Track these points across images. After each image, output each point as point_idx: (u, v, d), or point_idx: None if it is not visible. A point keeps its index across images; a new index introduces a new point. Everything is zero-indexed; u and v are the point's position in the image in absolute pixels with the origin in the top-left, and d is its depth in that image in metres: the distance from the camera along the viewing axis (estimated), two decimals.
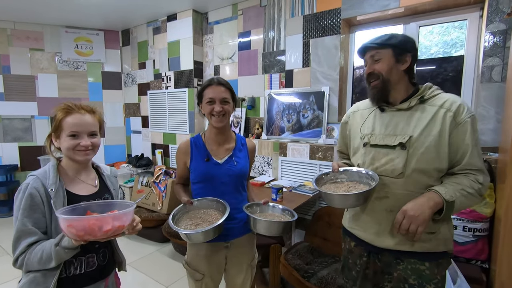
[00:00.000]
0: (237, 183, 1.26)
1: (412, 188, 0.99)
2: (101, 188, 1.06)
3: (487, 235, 1.69)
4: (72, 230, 0.76)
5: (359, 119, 1.17)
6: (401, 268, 1.03)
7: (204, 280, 1.24)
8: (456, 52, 2.34)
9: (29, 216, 0.88)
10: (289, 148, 2.60)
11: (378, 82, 1.04)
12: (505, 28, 1.76)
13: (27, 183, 0.90)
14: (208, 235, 1.05)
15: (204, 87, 1.22)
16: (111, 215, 0.80)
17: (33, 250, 0.87)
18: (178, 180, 1.35)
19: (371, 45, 1.05)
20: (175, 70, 3.45)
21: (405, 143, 0.99)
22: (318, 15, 2.47)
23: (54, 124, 0.95)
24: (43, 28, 3.84)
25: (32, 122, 3.91)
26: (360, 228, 1.12)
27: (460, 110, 0.97)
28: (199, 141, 1.27)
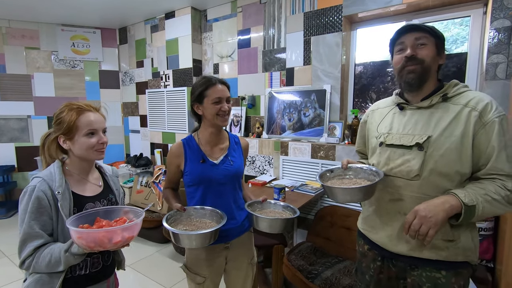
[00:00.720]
0: (234, 183, 1.24)
1: (429, 192, 0.93)
2: (105, 188, 1.05)
3: (492, 235, 1.68)
4: (82, 241, 0.76)
5: (377, 118, 1.12)
6: (415, 274, 0.98)
7: (205, 283, 1.22)
8: (456, 49, 2.32)
9: (36, 219, 0.86)
10: (290, 147, 2.57)
11: (418, 67, 0.95)
12: (510, 25, 1.73)
13: (34, 186, 0.88)
14: (200, 240, 1.01)
15: (206, 87, 1.17)
16: (120, 227, 0.79)
17: (41, 254, 0.86)
18: (167, 185, 1.30)
19: (421, 26, 0.95)
20: (174, 69, 3.41)
21: (422, 144, 0.93)
22: (319, 12, 2.44)
23: (67, 125, 0.92)
24: (38, 26, 3.77)
25: (29, 122, 3.85)
26: (373, 230, 1.08)
27: (487, 109, 0.89)
28: (192, 142, 1.23)
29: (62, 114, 0.94)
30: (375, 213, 1.08)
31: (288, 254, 1.93)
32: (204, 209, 1.16)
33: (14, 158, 3.84)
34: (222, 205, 1.18)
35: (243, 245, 1.29)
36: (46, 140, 0.98)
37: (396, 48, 1.01)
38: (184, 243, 1.01)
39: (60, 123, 0.94)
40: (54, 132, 0.96)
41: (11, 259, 2.55)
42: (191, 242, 1.01)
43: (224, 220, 1.07)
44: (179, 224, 1.10)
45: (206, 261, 1.21)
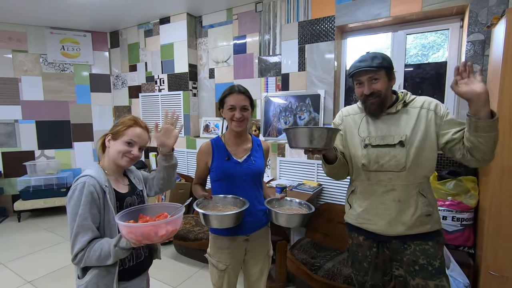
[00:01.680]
0: (255, 181, 1.37)
1: (414, 179, 1.17)
2: (131, 184, 1.15)
3: (473, 224, 1.89)
4: (131, 235, 0.85)
5: (352, 123, 1.31)
6: (409, 253, 1.18)
7: (226, 271, 1.33)
8: (433, 54, 2.56)
9: (89, 211, 0.95)
10: (286, 148, 2.71)
11: (377, 100, 1.18)
12: (484, 38, 1.96)
13: (83, 182, 0.96)
14: (227, 220, 1.15)
15: (226, 95, 1.32)
16: (164, 221, 0.88)
17: (92, 248, 0.93)
18: (196, 181, 1.43)
19: (369, 68, 1.14)
20: (169, 73, 3.46)
21: (403, 141, 1.16)
22: (313, 22, 2.60)
23: (118, 129, 1.07)
24: (26, 28, 3.70)
25: (16, 127, 3.75)
26: (371, 221, 1.24)
27: (438, 107, 1.17)
28: (219, 142, 1.38)
29: (122, 120, 1.11)
30: (369, 208, 1.25)
31: (291, 249, 2.06)
32: (228, 198, 1.30)
33: (0, 164, 3.72)
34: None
35: (261, 238, 1.40)
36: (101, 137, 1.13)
37: (355, 81, 1.23)
38: (213, 223, 1.15)
39: (116, 125, 1.10)
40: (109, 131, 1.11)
41: (6, 266, 2.50)
42: (219, 222, 1.15)
43: (246, 205, 1.20)
44: (207, 209, 1.24)
45: (228, 249, 1.32)
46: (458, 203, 1.86)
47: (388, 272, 1.28)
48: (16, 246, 2.91)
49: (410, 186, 1.17)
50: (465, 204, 1.85)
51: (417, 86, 2.53)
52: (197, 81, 3.43)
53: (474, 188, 1.87)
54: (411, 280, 1.19)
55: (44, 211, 3.77)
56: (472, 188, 1.87)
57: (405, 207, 1.18)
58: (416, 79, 2.53)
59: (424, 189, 1.19)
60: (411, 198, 1.17)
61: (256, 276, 1.42)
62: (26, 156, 3.80)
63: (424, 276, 1.16)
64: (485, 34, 1.96)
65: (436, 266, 1.16)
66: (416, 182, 1.17)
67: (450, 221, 1.87)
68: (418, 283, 1.17)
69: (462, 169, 1.95)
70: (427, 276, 1.16)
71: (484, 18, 1.95)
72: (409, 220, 1.16)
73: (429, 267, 1.16)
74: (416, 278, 1.18)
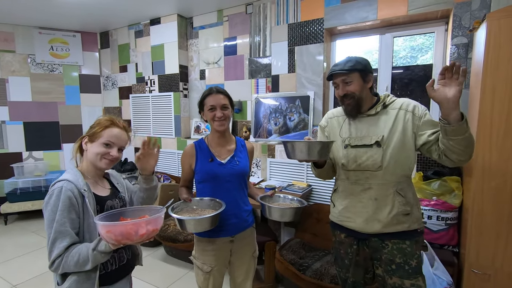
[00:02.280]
0: (240, 181, 1.38)
1: (390, 178, 1.21)
2: (112, 188, 1.14)
3: (457, 223, 1.92)
4: (111, 235, 0.83)
5: (336, 125, 1.35)
6: (387, 251, 1.22)
7: (212, 273, 1.33)
8: (422, 56, 2.61)
9: (67, 216, 0.92)
10: (276, 149, 2.73)
11: (352, 101, 1.23)
12: (467, 42, 2.01)
13: (60, 187, 0.94)
14: (202, 224, 1.14)
15: (204, 96, 1.34)
16: (145, 220, 0.87)
17: (70, 254, 0.91)
18: (182, 183, 1.43)
19: (341, 71, 1.21)
20: (160, 74, 3.45)
21: (380, 141, 1.20)
22: (303, 24, 2.62)
23: (95, 130, 1.04)
24: (14, 28, 3.65)
25: (3, 128, 3.69)
26: (351, 219, 1.29)
27: (415, 109, 1.21)
28: (202, 144, 1.38)
29: (97, 121, 1.08)
30: (349, 206, 1.29)
31: (279, 250, 2.07)
32: (204, 200, 1.31)
33: None
34: (229, 201, 1.30)
35: (246, 239, 1.41)
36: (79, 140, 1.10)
37: (333, 84, 1.29)
38: (188, 228, 1.15)
39: (93, 127, 1.07)
40: (85, 133, 1.08)
41: None
42: (194, 227, 1.14)
43: (223, 207, 1.21)
44: (184, 213, 1.24)
45: (212, 252, 1.32)
46: (442, 203, 1.90)
47: (370, 270, 1.33)
48: (2, 249, 2.85)
49: (386, 185, 1.21)
50: (450, 203, 1.89)
51: (405, 87, 2.57)
52: (188, 82, 3.42)
53: (458, 188, 1.91)
54: (389, 279, 1.23)
55: (32, 213, 3.71)
56: (456, 188, 1.91)
57: (382, 205, 1.21)
58: (404, 80, 2.58)
59: (402, 188, 1.22)
60: (387, 197, 1.21)
61: (242, 278, 1.42)
62: (13, 157, 3.74)
63: (400, 275, 1.20)
64: (468, 38, 2.01)
65: (412, 265, 1.20)
66: (393, 181, 1.20)
67: (435, 220, 1.91)
68: (395, 282, 1.21)
69: (446, 170, 1.99)
70: (404, 275, 1.19)
71: (467, 22, 1.99)
72: (385, 218, 1.20)
73: (405, 266, 1.20)
74: (393, 277, 1.21)
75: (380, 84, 2.52)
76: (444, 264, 1.74)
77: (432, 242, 1.91)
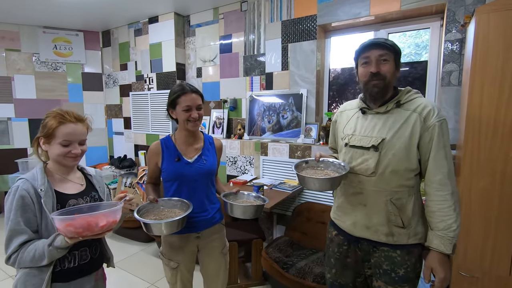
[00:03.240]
0: (207, 180, 1.36)
1: (384, 186, 1.08)
2: (88, 186, 1.12)
3: None
4: (70, 228, 0.83)
5: (344, 119, 1.26)
6: (376, 256, 1.15)
7: (179, 268, 1.34)
8: (426, 54, 2.54)
9: (21, 216, 0.93)
10: (269, 147, 2.72)
11: (381, 82, 1.07)
12: (461, 37, 1.95)
13: (17, 186, 0.95)
14: (169, 227, 1.11)
15: (178, 95, 1.28)
16: (103, 212, 0.88)
17: (26, 249, 0.92)
18: (149, 180, 1.42)
19: (385, 43, 1.05)
20: (158, 72, 3.49)
21: (377, 145, 1.07)
22: (296, 21, 2.60)
23: (46, 130, 0.99)
24: (19, 28, 3.75)
25: (9, 124, 3.81)
26: (341, 218, 1.24)
27: (430, 115, 1.04)
28: (169, 142, 1.35)
29: (47, 119, 1.01)
30: (343, 204, 1.23)
31: (266, 248, 2.07)
32: (173, 200, 1.28)
33: None
34: (195, 199, 1.30)
35: (214, 236, 1.40)
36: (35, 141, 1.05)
37: (361, 60, 1.11)
38: (154, 231, 1.12)
39: (43, 126, 1.01)
40: (39, 132, 1.02)
41: None
42: (160, 230, 1.11)
43: (190, 209, 1.18)
44: (151, 214, 1.20)
45: (179, 248, 1.33)
46: None
47: (361, 273, 1.24)
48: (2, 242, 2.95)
49: (379, 193, 1.09)
50: None
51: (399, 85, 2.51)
52: (185, 80, 3.45)
53: None
54: (374, 282, 1.18)
55: None
56: None
57: (372, 212, 1.12)
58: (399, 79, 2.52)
59: (400, 198, 1.08)
60: (379, 205, 1.10)
61: (213, 274, 1.42)
62: (18, 153, 3.85)
63: (386, 281, 1.13)
64: (462, 33, 1.95)
65: (400, 274, 1.10)
66: (387, 190, 1.08)
67: None
68: (379, 286, 1.15)
69: None
70: (389, 281, 1.12)
71: (461, 16, 1.93)
72: (374, 226, 1.11)
73: (392, 274, 1.12)
74: (378, 280, 1.15)
75: None
76: None
77: None
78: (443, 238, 1.03)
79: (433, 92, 2.23)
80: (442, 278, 1.03)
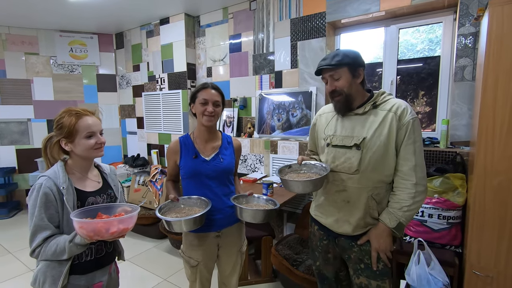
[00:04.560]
0: (223, 178, 1.38)
1: (366, 183, 1.16)
2: (104, 184, 1.17)
3: (460, 222, 1.83)
4: (83, 231, 0.88)
5: (324, 122, 1.31)
6: (356, 251, 1.21)
7: (198, 267, 1.36)
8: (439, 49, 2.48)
9: (45, 212, 0.98)
10: (279, 146, 2.73)
11: (341, 97, 1.17)
12: (475, 31, 1.90)
13: (40, 183, 0.99)
14: (188, 225, 1.15)
15: (198, 90, 1.34)
16: (117, 219, 0.91)
17: (48, 244, 0.98)
18: (168, 177, 1.46)
19: (327, 66, 1.15)
20: (169, 72, 3.55)
21: (359, 144, 1.14)
22: (305, 19, 2.59)
23: (67, 129, 1.02)
24: (37, 32, 3.90)
25: (29, 125, 3.98)
26: (323, 215, 1.29)
27: (404, 113, 1.12)
28: (187, 140, 1.39)
29: (62, 120, 1.03)
30: (325, 202, 1.28)
31: (276, 245, 2.08)
32: (192, 198, 1.32)
33: (14, 160, 3.95)
34: (213, 197, 1.32)
35: (233, 234, 1.42)
36: (48, 143, 1.08)
37: (323, 80, 1.24)
38: (175, 228, 1.16)
39: (61, 128, 1.03)
40: (55, 136, 1.05)
41: (15, 256, 2.68)
42: (180, 227, 1.15)
43: (208, 206, 1.22)
44: (172, 212, 1.25)
45: (199, 247, 1.35)
46: (444, 201, 1.82)
47: (342, 269, 1.34)
48: (25, 237, 3.06)
49: (361, 189, 1.16)
50: (452, 202, 1.80)
51: (412, 82, 2.47)
52: (196, 79, 3.50)
53: (462, 186, 1.82)
54: (356, 279, 1.22)
55: None
56: (460, 185, 1.82)
57: (354, 208, 1.19)
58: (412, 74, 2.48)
59: (378, 193, 1.17)
60: (360, 201, 1.17)
61: (229, 271, 1.45)
62: (38, 153, 4.01)
63: (368, 275, 1.18)
64: (476, 27, 1.89)
65: (379, 268, 1.18)
66: (369, 186, 1.16)
67: (436, 219, 1.83)
68: (361, 282, 1.20)
69: (450, 167, 1.90)
70: (371, 275, 1.18)
71: (475, 9, 1.88)
72: (355, 221, 1.18)
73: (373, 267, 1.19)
74: (360, 277, 1.20)
75: (384, 78, 2.44)
76: (445, 264, 1.67)
77: (432, 242, 1.83)
78: (392, 214, 1.14)
79: (446, 87, 2.18)
80: (375, 248, 1.15)
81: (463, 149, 1.93)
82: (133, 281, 2.28)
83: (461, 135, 2.00)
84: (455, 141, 2.02)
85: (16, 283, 2.27)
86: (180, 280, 2.26)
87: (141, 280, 2.28)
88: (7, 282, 2.27)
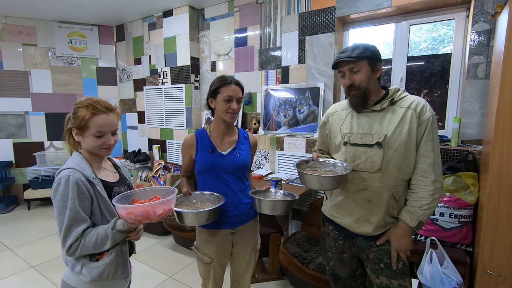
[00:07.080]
0: (239, 173, 1.35)
1: (387, 181, 1.14)
2: (121, 175, 1.15)
3: (471, 221, 1.82)
4: (131, 216, 0.88)
5: (337, 120, 1.28)
6: (375, 250, 1.19)
7: (212, 264, 1.33)
8: (443, 48, 2.46)
9: (79, 204, 0.94)
10: (285, 142, 2.69)
11: (358, 92, 1.14)
12: (489, 28, 1.87)
13: (67, 175, 0.94)
14: (200, 218, 1.14)
15: (221, 84, 1.28)
16: (160, 202, 0.92)
17: (88, 235, 0.94)
18: (183, 173, 1.43)
19: (348, 58, 1.12)
20: (172, 66, 3.48)
21: (381, 142, 1.12)
22: (314, 13, 2.55)
23: (79, 122, 0.97)
24: (35, 23, 3.79)
25: (26, 118, 3.88)
26: (340, 215, 1.26)
27: (423, 110, 1.11)
28: (204, 134, 1.35)
29: (78, 109, 0.99)
30: (343, 202, 1.25)
31: (284, 243, 2.06)
32: (205, 194, 1.29)
33: (11, 154, 3.86)
34: (228, 193, 1.29)
35: (248, 232, 1.39)
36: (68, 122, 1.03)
37: (339, 73, 1.19)
38: (186, 221, 1.15)
39: (76, 117, 0.99)
40: (71, 123, 1.01)
41: (14, 252, 2.62)
42: (192, 220, 1.14)
43: (221, 201, 1.20)
44: (184, 206, 1.23)
45: (213, 243, 1.32)
46: (456, 200, 1.80)
47: (359, 267, 1.32)
48: (24, 233, 3.03)
49: (383, 188, 1.14)
50: (464, 200, 1.79)
51: (422, 79, 2.45)
52: (199, 74, 3.44)
53: (474, 185, 1.80)
54: (376, 279, 1.20)
55: None
56: (472, 184, 1.80)
57: (375, 207, 1.17)
58: (421, 72, 2.45)
59: (398, 192, 1.16)
60: (382, 200, 1.16)
61: (242, 269, 1.42)
62: (36, 146, 3.93)
63: (388, 275, 1.17)
64: (491, 24, 1.87)
65: (399, 267, 1.17)
66: (390, 184, 1.14)
67: (447, 217, 1.82)
68: (382, 282, 1.18)
69: (462, 165, 1.88)
70: (391, 275, 1.16)
71: (490, 6, 1.85)
72: (377, 221, 1.17)
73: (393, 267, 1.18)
74: (380, 276, 1.18)
75: (394, 75, 2.41)
76: (456, 263, 1.66)
77: (443, 240, 1.82)
78: (412, 213, 1.13)
79: (456, 85, 2.16)
80: (395, 248, 1.14)
81: (475, 147, 1.91)
82: (138, 278, 2.23)
83: (472, 133, 1.99)
84: (466, 139, 2.01)
85: (16, 279, 2.21)
86: (186, 277, 2.22)
87: (146, 278, 2.24)
88: (7, 279, 2.22)
